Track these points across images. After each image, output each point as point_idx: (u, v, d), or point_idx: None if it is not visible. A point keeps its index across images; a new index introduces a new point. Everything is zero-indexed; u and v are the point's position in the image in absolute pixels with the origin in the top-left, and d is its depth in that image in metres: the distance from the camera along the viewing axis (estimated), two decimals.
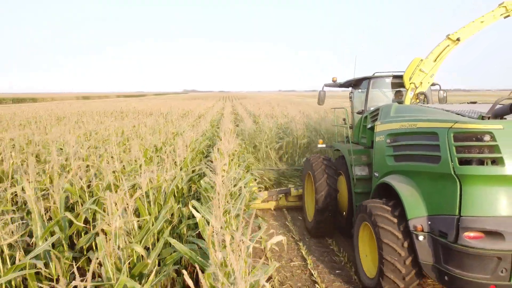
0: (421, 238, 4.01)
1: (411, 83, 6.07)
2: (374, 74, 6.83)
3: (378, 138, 5.38)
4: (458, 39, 5.75)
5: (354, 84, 7.58)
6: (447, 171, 3.83)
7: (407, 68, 6.15)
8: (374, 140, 5.53)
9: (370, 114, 6.29)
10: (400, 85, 6.61)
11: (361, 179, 6.16)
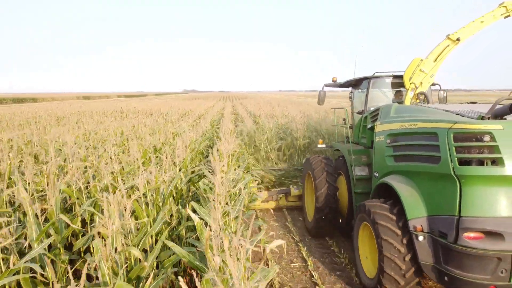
0: (421, 238, 4.01)
1: (411, 83, 6.06)
2: (374, 74, 6.82)
3: (378, 138, 5.37)
4: (458, 39, 5.75)
5: (354, 84, 7.58)
6: (447, 172, 3.82)
7: (407, 68, 6.15)
8: (374, 140, 5.52)
9: (370, 114, 6.29)
10: (400, 85, 6.61)
11: (361, 179, 6.15)
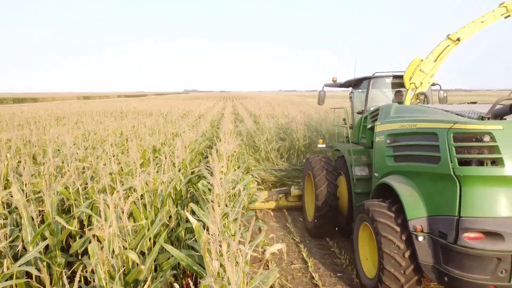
0: (420, 238, 4.00)
1: (411, 83, 6.06)
2: (374, 74, 6.82)
3: (378, 138, 5.37)
4: (459, 39, 5.74)
5: (354, 84, 7.57)
6: (446, 172, 3.82)
7: (407, 68, 6.14)
8: (374, 140, 5.52)
9: (370, 114, 6.28)
10: (400, 85, 6.60)
11: (361, 179, 6.15)
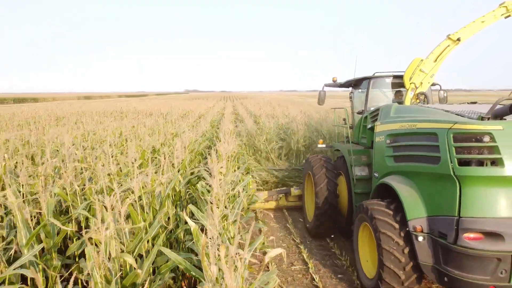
0: (420, 239, 4.00)
1: (411, 83, 6.05)
2: (374, 74, 6.82)
3: (378, 138, 5.36)
4: (459, 39, 5.74)
5: (354, 84, 7.57)
6: (446, 172, 3.81)
7: (407, 68, 6.14)
8: (374, 140, 5.51)
9: (370, 114, 6.28)
10: (400, 85, 6.60)
11: (361, 179, 6.14)
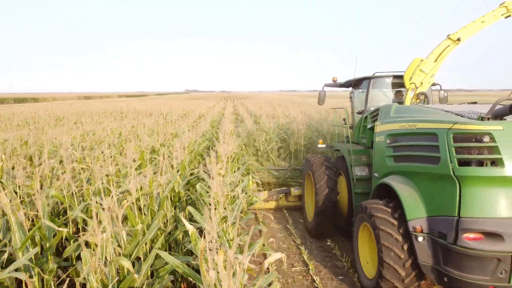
0: (420, 239, 3.99)
1: (411, 83, 6.05)
2: (375, 74, 6.81)
3: (378, 138, 5.36)
4: (459, 39, 5.73)
5: (355, 84, 7.56)
6: (446, 172, 3.81)
7: (407, 68, 6.13)
8: (374, 140, 5.51)
9: (370, 114, 6.28)
10: (400, 85, 6.59)
11: (361, 179, 6.14)
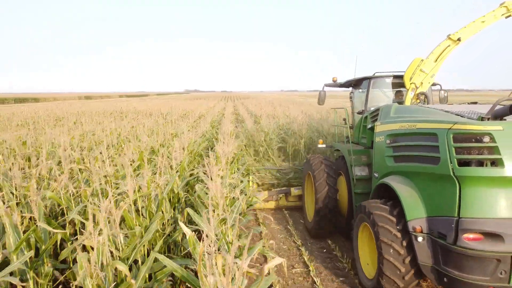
0: (420, 239, 3.99)
1: (411, 83, 6.05)
2: (375, 74, 6.80)
3: (378, 138, 5.36)
4: (459, 39, 5.73)
5: (355, 84, 7.56)
6: (446, 172, 3.80)
7: (407, 68, 6.13)
8: (374, 140, 5.51)
9: (370, 114, 6.28)
10: (400, 85, 6.59)
11: (361, 179, 6.14)
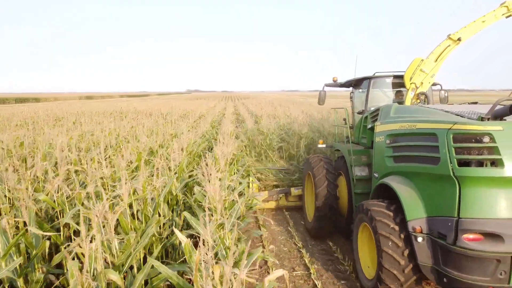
0: (420, 239, 3.98)
1: (411, 83, 6.04)
2: (375, 74, 6.80)
3: (378, 138, 5.35)
4: (459, 39, 5.72)
5: (355, 84, 7.55)
6: (446, 173, 3.79)
7: (407, 68, 6.12)
8: (374, 140, 5.50)
9: (370, 114, 6.27)
10: (400, 85, 6.58)
11: (361, 179, 6.13)
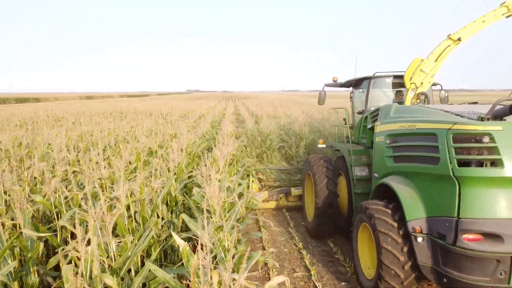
0: (419, 239, 3.98)
1: (411, 83, 6.03)
2: (375, 74, 6.80)
3: (377, 138, 5.35)
4: (459, 39, 5.72)
5: (355, 84, 7.55)
6: (446, 173, 3.79)
7: (407, 68, 6.11)
8: (374, 140, 5.50)
9: (370, 114, 6.27)
10: (400, 85, 6.58)
11: (361, 179, 6.13)
